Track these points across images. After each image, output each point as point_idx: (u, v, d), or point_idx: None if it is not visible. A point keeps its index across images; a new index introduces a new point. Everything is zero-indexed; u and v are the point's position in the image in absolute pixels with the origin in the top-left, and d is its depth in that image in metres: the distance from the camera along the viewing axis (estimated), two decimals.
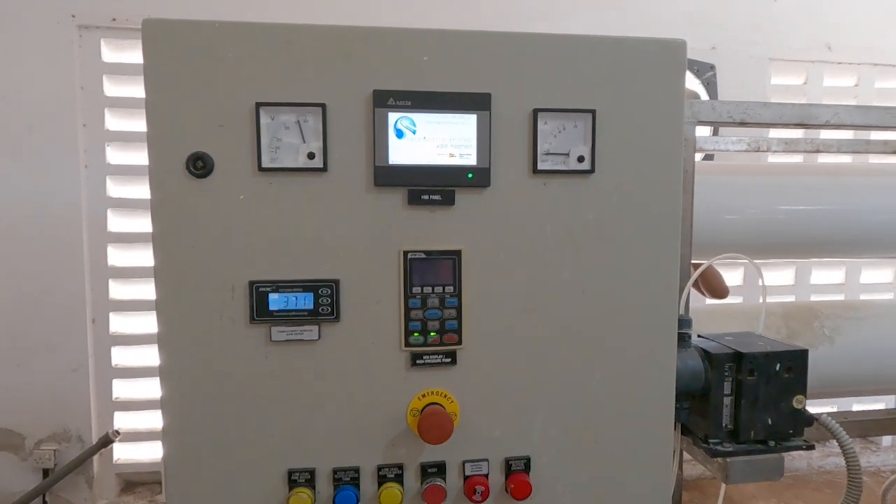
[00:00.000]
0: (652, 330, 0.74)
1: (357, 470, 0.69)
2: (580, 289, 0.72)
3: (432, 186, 0.67)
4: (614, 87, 0.70)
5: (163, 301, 0.65)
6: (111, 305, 2.91)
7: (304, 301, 0.66)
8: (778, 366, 0.94)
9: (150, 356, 2.96)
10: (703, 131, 3.14)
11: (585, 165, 0.70)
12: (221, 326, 0.66)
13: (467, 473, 0.71)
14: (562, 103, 0.69)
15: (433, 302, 0.69)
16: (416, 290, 0.68)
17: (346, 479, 0.69)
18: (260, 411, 0.67)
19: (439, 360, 0.69)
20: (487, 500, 0.71)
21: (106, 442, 2.82)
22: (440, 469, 0.71)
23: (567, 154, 0.70)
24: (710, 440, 0.96)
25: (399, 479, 0.70)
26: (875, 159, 2.59)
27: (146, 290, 2.92)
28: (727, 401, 0.96)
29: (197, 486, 0.67)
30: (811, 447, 0.96)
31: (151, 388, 2.96)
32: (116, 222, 2.92)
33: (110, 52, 2.85)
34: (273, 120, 0.64)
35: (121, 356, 2.97)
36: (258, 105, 0.64)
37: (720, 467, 0.95)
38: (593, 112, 0.69)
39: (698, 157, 2.76)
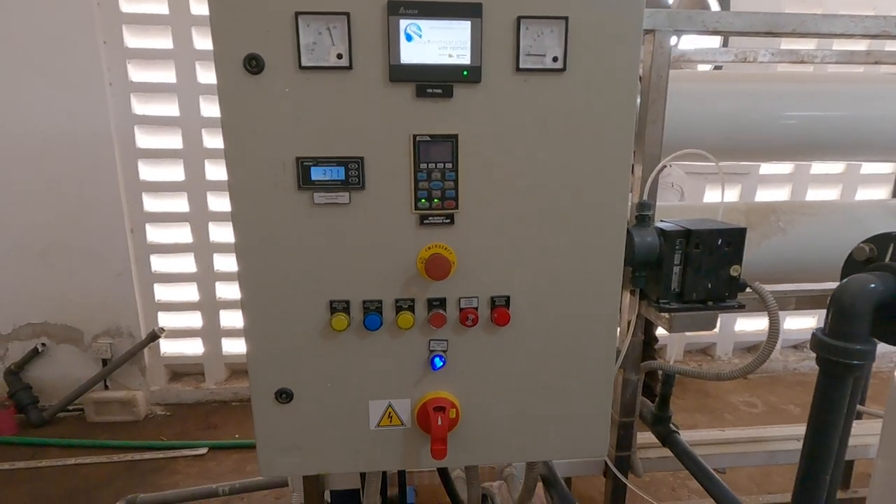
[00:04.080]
0: (607, 201, 0.93)
1: (380, 302, 0.93)
2: (552, 167, 0.91)
3: (435, 82, 0.85)
4: None
5: (232, 173, 0.86)
6: (146, 217, 3.17)
7: (338, 173, 0.87)
8: (720, 241, 1.15)
9: (185, 264, 3.27)
10: (713, 42, 3.13)
11: (559, 65, 0.86)
12: (276, 192, 0.87)
13: (462, 306, 0.95)
14: (541, 11, 0.84)
15: (436, 175, 0.89)
16: (423, 165, 0.88)
17: (372, 308, 0.93)
18: (308, 257, 0.90)
19: (441, 221, 0.91)
20: (477, 326, 0.95)
21: (153, 337, 3.21)
22: (442, 303, 0.94)
23: (544, 55, 0.86)
24: (661, 301, 1.20)
25: (411, 309, 0.94)
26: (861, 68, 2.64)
27: (177, 204, 3.18)
28: (676, 270, 1.18)
29: (266, 313, 0.92)
30: (742, 307, 1.19)
31: (189, 293, 3.30)
32: (144, 139, 3.10)
33: None
34: (309, 27, 0.81)
35: (159, 264, 3.28)
36: (297, 14, 0.80)
37: (666, 321, 1.19)
38: (566, 19, 0.84)
39: (707, 67, 2.79)
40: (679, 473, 2.55)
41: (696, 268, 1.16)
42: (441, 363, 0.96)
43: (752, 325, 3.87)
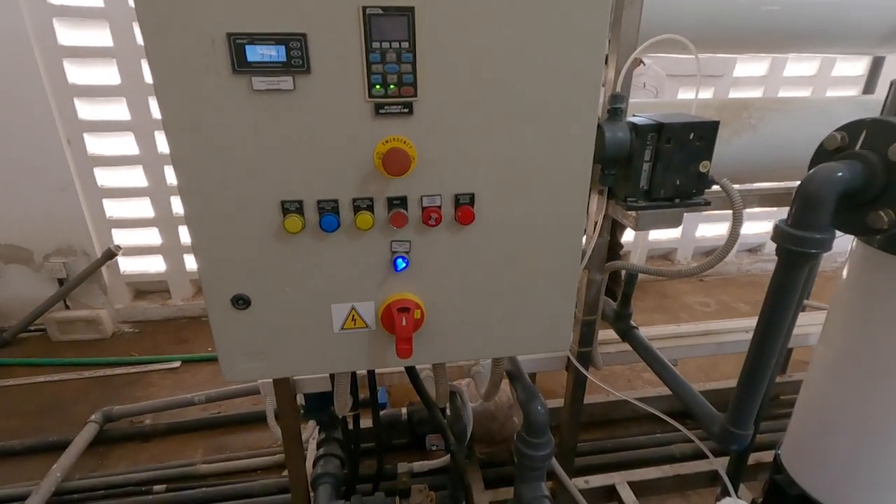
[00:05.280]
0: (577, 92, 0.86)
1: (336, 202, 0.87)
2: (520, 49, 0.82)
3: None
4: None
5: (152, 55, 0.74)
6: (83, 126, 2.90)
7: (278, 53, 0.76)
8: (691, 135, 1.11)
9: (134, 178, 3.06)
10: None
11: None
12: (208, 77, 0.76)
13: (424, 205, 0.90)
14: None
15: (391, 57, 0.79)
16: (376, 45, 0.78)
17: (327, 209, 0.87)
18: (252, 154, 0.81)
19: (399, 111, 0.82)
20: (440, 225, 0.91)
21: (110, 255, 3.09)
22: (402, 201, 0.89)
23: None
24: (629, 198, 1.18)
25: (370, 209, 0.88)
26: None
27: (116, 111, 2.90)
28: (646, 166, 1.15)
29: (213, 219, 0.84)
30: (707, 204, 1.18)
31: (143, 209, 3.13)
32: (67, 35, 2.75)
33: None
34: None
35: (105, 178, 3.06)
36: None
37: (633, 219, 1.18)
38: None
39: None
40: (635, 366, 2.74)
41: (667, 164, 1.13)
42: (404, 264, 0.93)
43: (711, 230, 4.00)
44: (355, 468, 1.67)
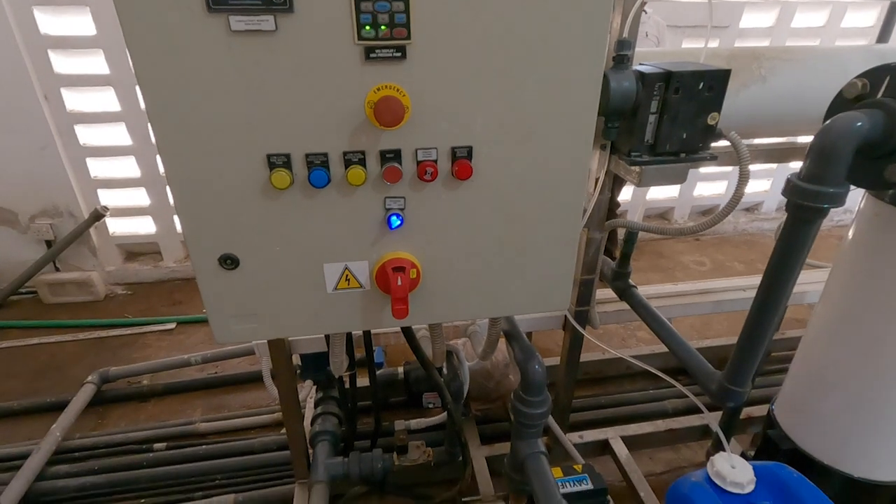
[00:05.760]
0: (583, 37, 0.80)
1: (326, 155, 0.82)
2: None
3: None
4: None
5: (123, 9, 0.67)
6: (60, 80, 2.77)
7: None
8: (701, 84, 1.05)
9: (118, 136, 2.95)
10: None
11: None
12: (181, 16, 0.69)
13: (419, 159, 0.85)
14: None
15: None
16: None
17: (317, 163, 0.82)
18: (233, 101, 0.75)
19: (391, 55, 0.76)
20: (436, 181, 0.87)
21: (97, 216, 3.01)
22: (396, 155, 0.84)
23: None
24: (632, 153, 1.13)
25: (362, 163, 0.83)
26: None
27: (94, 64, 2.76)
28: (652, 118, 1.09)
29: (196, 176, 0.79)
30: (714, 158, 1.13)
31: (129, 168, 3.03)
32: None
33: None
34: None
35: (87, 136, 2.95)
36: None
37: (636, 174, 1.13)
38: None
39: None
40: (629, 325, 2.76)
41: (673, 116, 1.07)
42: (399, 222, 0.88)
43: (709, 189, 3.96)
44: (353, 426, 1.69)
